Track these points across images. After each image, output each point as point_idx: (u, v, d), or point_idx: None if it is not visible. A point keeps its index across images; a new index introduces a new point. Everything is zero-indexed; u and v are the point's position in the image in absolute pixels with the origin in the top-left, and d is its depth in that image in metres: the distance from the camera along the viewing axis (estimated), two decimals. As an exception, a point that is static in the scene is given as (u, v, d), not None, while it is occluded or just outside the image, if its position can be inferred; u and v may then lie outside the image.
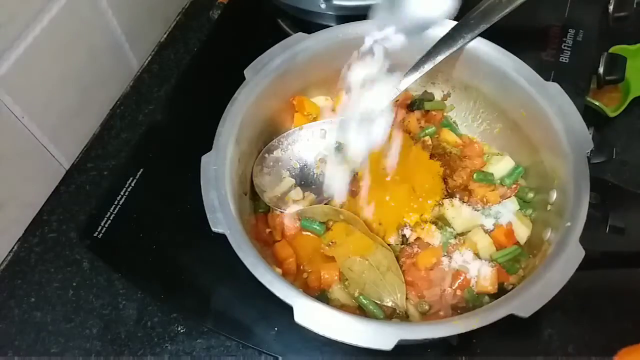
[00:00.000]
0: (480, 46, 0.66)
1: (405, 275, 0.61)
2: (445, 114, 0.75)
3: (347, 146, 0.66)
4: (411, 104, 0.75)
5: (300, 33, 0.68)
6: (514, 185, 0.67)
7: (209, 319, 0.64)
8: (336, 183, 0.66)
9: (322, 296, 0.61)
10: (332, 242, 0.64)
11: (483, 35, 0.65)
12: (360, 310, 0.60)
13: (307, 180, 0.68)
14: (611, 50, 0.88)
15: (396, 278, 0.60)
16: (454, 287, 0.60)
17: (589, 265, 0.51)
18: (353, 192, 0.66)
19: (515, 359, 0.61)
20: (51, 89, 0.73)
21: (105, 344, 0.67)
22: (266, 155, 0.69)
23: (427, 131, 0.71)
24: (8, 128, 0.68)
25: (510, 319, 0.47)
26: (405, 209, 0.64)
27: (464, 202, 0.66)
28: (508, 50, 0.65)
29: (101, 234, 0.70)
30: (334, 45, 0.69)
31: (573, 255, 0.51)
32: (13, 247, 0.74)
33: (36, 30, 0.67)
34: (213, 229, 0.53)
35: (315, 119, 0.73)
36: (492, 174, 0.68)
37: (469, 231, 0.64)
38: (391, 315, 0.60)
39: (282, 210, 0.65)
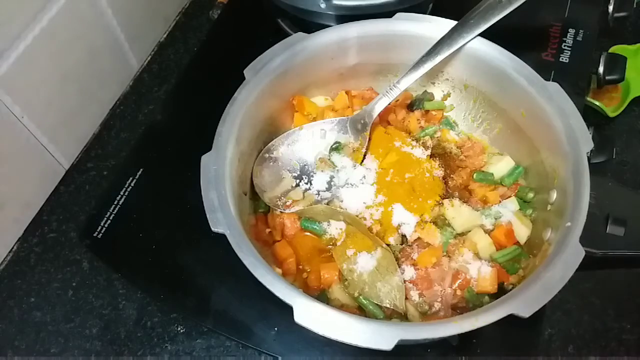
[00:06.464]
0: (480, 46, 0.66)
1: (405, 275, 0.61)
2: (445, 114, 0.75)
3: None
4: (411, 104, 0.75)
5: (300, 33, 0.68)
6: (514, 185, 0.67)
7: (209, 319, 0.64)
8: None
9: (322, 296, 0.61)
10: (332, 243, 0.64)
11: (483, 35, 0.65)
12: (360, 310, 0.60)
13: (307, 181, 0.68)
14: (611, 50, 0.88)
15: (395, 278, 0.60)
16: (454, 287, 0.60)
17: (589, 265, 0.51)
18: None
19: (515, 359, 0.61)
20: (51, 89, 0.73)
21: (105, 344, 0.67)
22: (266, 155, 0.69)
23: (427, 131, 0.71)
24: (8, 128, 0.68)
25: (510, 319, 0.47)
26: (405, 209, 0.64)
27: (464, 202, 0.66)
28: (508, 50, 0.65)
29: (101, 234, 0.70)
30: (334, 45, 0.69)
31: (573, 255, 0.51)
32: (13, 247, 0.74)
33: (36, 30, 0.67)
34: (213, 229, 0.53)
35: (315, 119, 0.73)
36: (492, 174, 0.68)
37: (469, 231, 0.64)
38: (391, 315, 0.60)
39: (282, 210, 0.65)
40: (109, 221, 0.71)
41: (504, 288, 0.60)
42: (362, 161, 0.69)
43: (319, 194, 0.67)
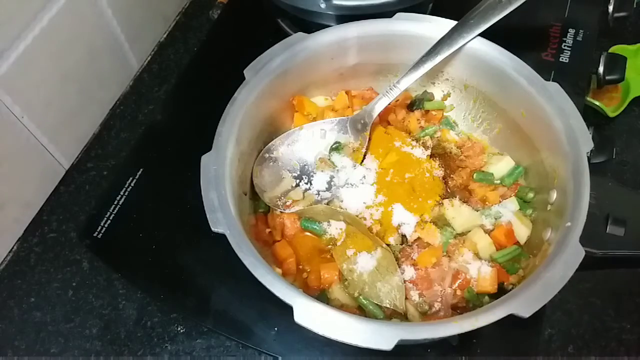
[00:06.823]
0: (480, 46, 0.66)
1: (405, 275, 0.61)
2: (445, 114, 0.75)
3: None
4: (411, 104, 0.75)
5: (300, 33, 0.68)
6: (514, 185, 0.67)
7: (209, 319, 0.64)
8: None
9: (322, 296, 0.61)
10: (332, 243, 0.64)
11: (483, 35, 0.65)
12: (360, 310, 0.60)
13: (307, 181, 0.68)
14: (611, 50, 0.88)
15: (396, 278, 0.60)
16: (454, 287, 0.60)
17: (589, 265, 0.51)
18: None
19: (515, 359, 0.61)
20: (51, 89, 0.73)
21: (105, 344, 0.67)
22: (266, 155, 0.69)
23: (427, 131, 0.71)
24: (8, 128, 0.68)
25: (510, 319, 0.47)
26: (405, 209, 0.64)
27: (464, 202, 0.66)
28: (508, 50, 0.65)
29: (101, 234, 0.70)
30: (334, 45, 0.69)
31: (573, 255, 0.51)
32: (13, 247, 0.74)
33: (36, 30, 0.67)
34: (213, 229, 0.53)
35: (315, 119, 0.73)
36: (492, 174, 0.68)
37: (469, 231, 0.64)
38: (391, 315, 0.60)
39: (282, 210, 0.65)
40: (109, 221, 0.71)
41: (504, 288, 0.60)
42: (362, 161, 0.69)
43: (319, 194, 0.67)
